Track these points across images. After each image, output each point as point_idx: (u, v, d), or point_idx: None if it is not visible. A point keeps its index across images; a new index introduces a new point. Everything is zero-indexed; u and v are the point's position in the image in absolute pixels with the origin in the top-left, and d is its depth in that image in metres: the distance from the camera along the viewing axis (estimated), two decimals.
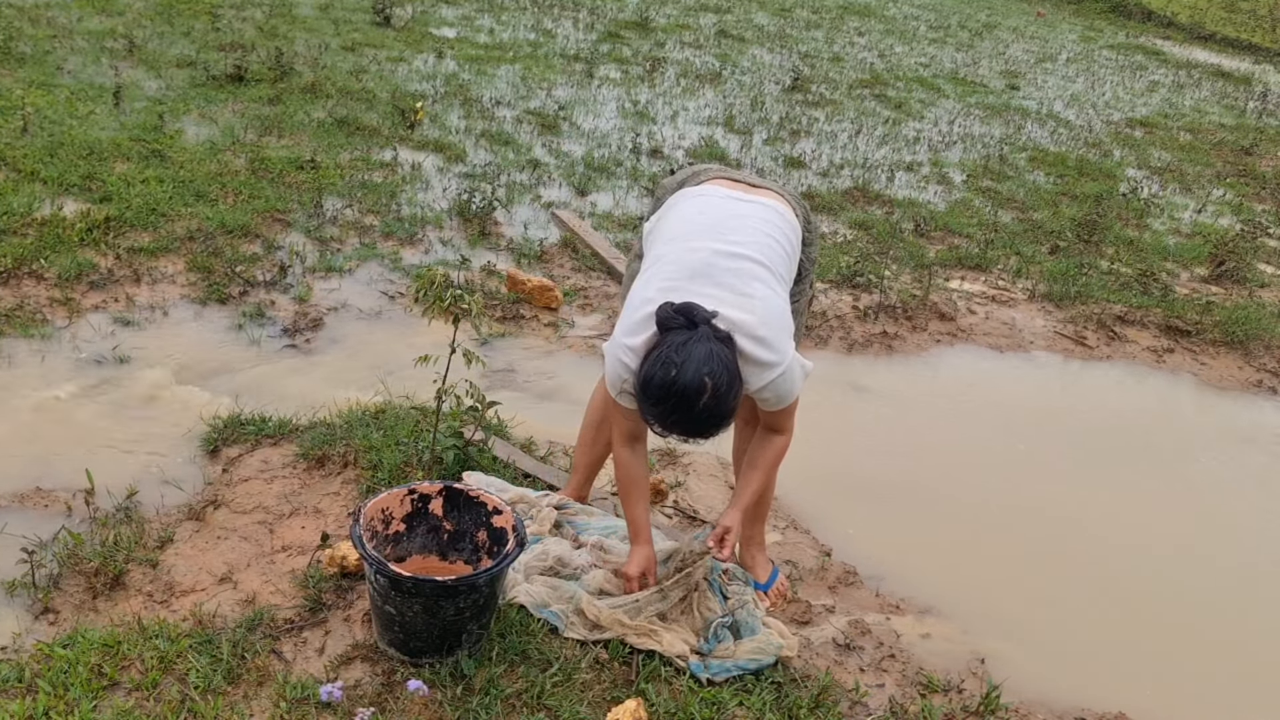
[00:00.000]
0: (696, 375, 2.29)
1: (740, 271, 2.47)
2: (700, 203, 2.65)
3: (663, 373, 2.32)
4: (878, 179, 7.44)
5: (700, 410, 2.32)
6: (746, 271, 2.48)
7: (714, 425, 2.40)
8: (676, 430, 2.41)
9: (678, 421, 2.37)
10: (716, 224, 2.56)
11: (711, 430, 2.41)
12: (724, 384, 2.32)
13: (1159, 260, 6.51)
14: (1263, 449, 4.61)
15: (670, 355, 2.32)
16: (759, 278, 2.49)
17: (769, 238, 2.57)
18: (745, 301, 2.43)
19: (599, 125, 7.72)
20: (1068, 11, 18.95)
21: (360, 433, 3.39)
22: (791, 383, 2.51)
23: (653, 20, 11.84)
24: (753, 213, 2.61)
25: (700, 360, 2.30)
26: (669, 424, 2.39)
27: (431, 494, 2.70)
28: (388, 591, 2.41)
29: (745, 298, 2.44)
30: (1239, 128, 11.06)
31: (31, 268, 4.29)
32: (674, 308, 2.38)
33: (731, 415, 2.41)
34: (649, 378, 2.36)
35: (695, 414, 2.33)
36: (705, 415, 2.34)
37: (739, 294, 2.44)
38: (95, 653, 2.44)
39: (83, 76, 6.75)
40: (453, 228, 5.46)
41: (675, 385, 2.30)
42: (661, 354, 2.34)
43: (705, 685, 2.61)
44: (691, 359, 2.30)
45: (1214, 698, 3.08)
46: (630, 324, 2.48)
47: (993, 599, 3.30)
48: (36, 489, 3.12)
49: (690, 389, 2.29)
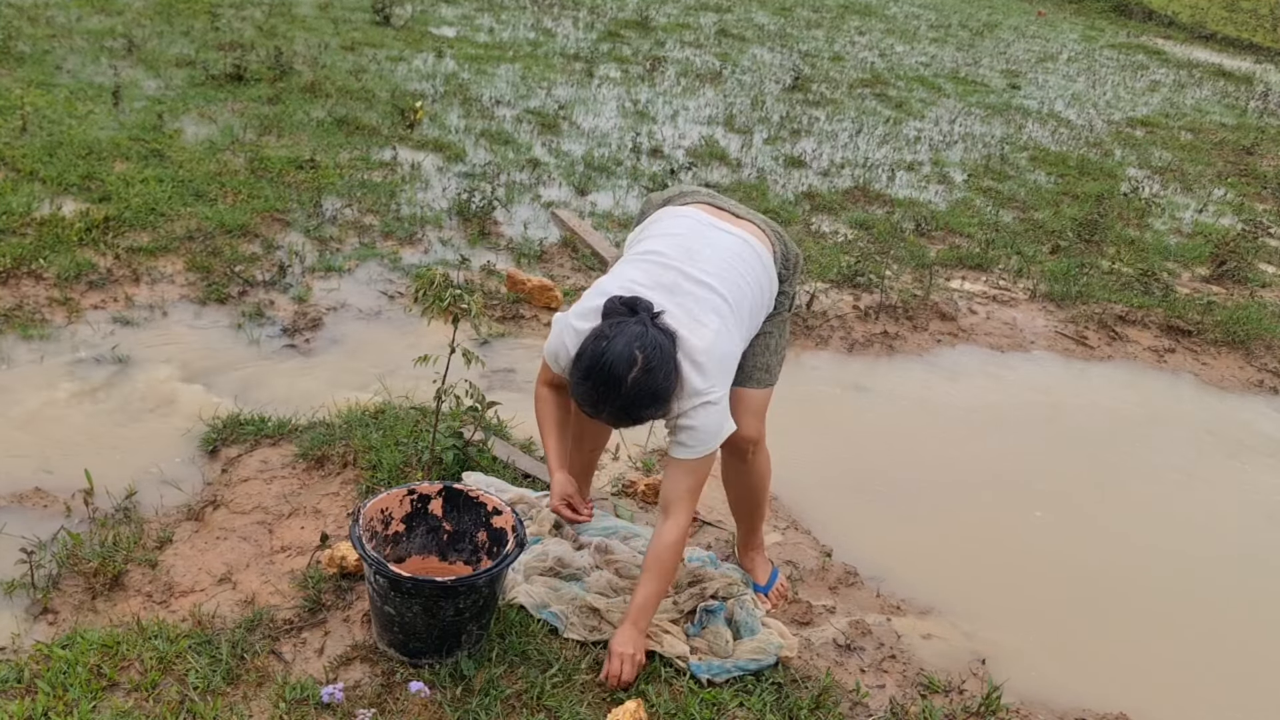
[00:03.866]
0: (627, 348, 2.27)
1: (699, 298, 2.45)
2: (679, 223, 2.63)
3: (594, 346, 2.31)
4: (878, 178, 7.43)
5: (630, 386, 2.28)
6: (707, 301, 2.45)
7: (642, 405, 2.33)
8: (606, 409, 2.35)
9: (605, 397, 2.32)
10: (689, 248, 2.53)
11: (640, 411, 2.35)
12: (655, 361, 2.28)
13: (1160, 260, 6.51)
14: (1264, 449, 4.61)
15: (603, 330, 2.33)
16: (718, 311, 2.45)
17: (737, 273, 2.53)
18: (697, 328, 2.41)
19: (599, 124, 7.72)
20: (1068, 11, 18.94)
21: (360, 433, 3.38)
22: (718, 419, 2.44)
23: (653, 19, 11.84)
24: (726, 244, 2.57)
25: (633, 336, 2.28)
26: (598, 401, 2.34)
27: (431, 494, 2.69)
28: (387, 592, 2.40)
29: (698, 324, 2.41)
30: (1240, 127, 11.06)
31: (30, 267, 4.29)
32: (620, 299, 2.38)
33: (664, 400, 2.35)
34: (580, 352, 2.34)
35: (624, 391, 2.28)
36: (635, 392, 2.29)
37: (694, 319, 2.42)
38: (94, 653, 2.43)
39: (82, 76, 6.74)
40: (452, 227, 5.45)
41: (604, 357, 2.28)
42: (595, 330, 2.35)
43: (705, 686, 2.60)
44: (624, 334, 2.29)
45: (1214, 698, 3.07)
46: (585, 308, 2.47)
47: (994, 599, 3.30)
48: (35, 489, 3.12)
49: (620, 361, 2.26)
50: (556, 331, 2.51)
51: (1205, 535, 3.89)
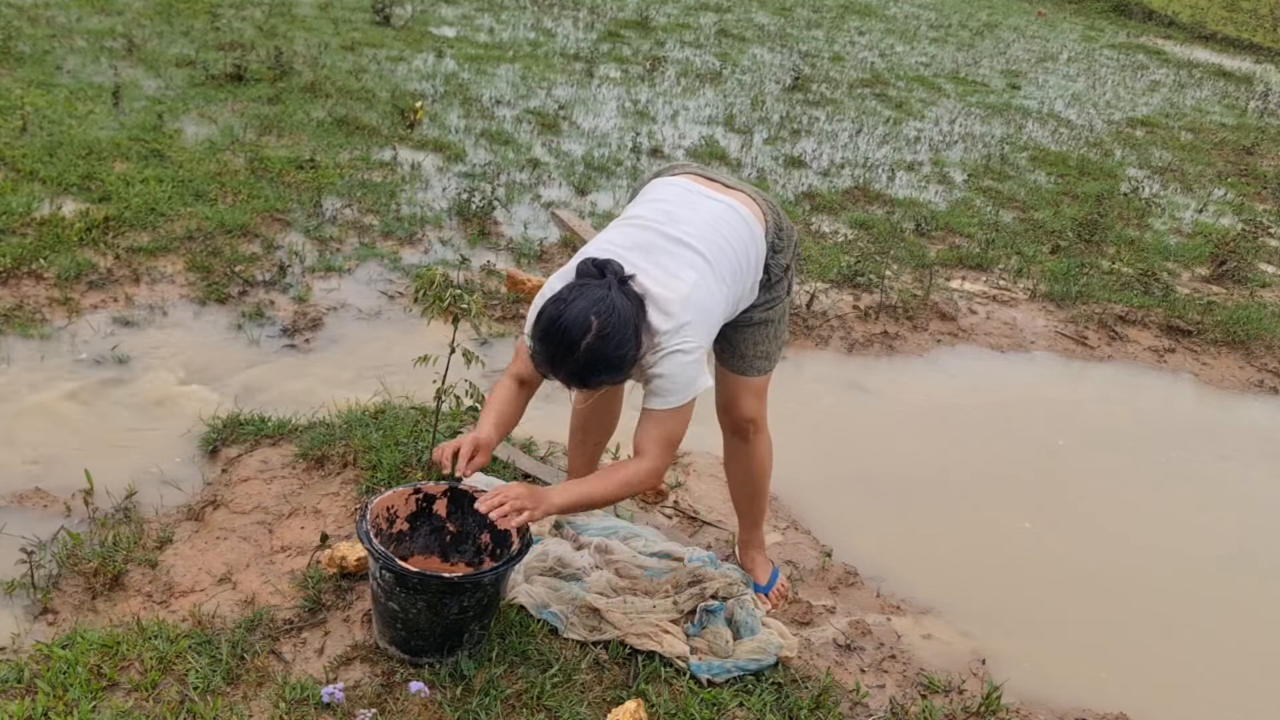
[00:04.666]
0: (584, 313, 2.25)
1: (677, 255, 2.44)
2: (664, 190, 2.65)
3: (552, 308, 2.30)
4: (878, 178, 7.43)
5: (584, 351, 2.26)
6: (684, 258, 2.44)
7: (595, 370, 2.31)
8: (560, 371, 2.34)
9: (559, 359, 2.30)
10: (671, 211, 2.55)
11: (593, 377, 2.33)
12: (611, 327, 2.26)
13: (1160, 260, 6.51)
14: (1264, 449, 4.61)
15: (564, 293, 2.32)
16: (695, 267, 2.44)
17: (719, 234, 2.52)
18: (671, 281, 2.40)
19: (599, 124, 7.72)
20: (1068, 11, 18.94)
21: (359, 433, 3.38)
22: (690, 371, 2.40)
23: (653, 19, 11.84)
24: (710, 208, 2.57)
25: (592, 301, 2.27)
26: (553, 363, 2.33)
27: (437, 494, 2.69)
28: (392, 588, 2.40)
29: (672, 278, 2.41)
30: (1240, 127, 11.06)
31: (31, 267, 4.29)
32: (593, 260, 2.37)
33: (620, 366, 2.33)
34: (540, 312, 2.33)
35: (577, 354, 2.27)
36: (589, 356, 2.27)
37: (668, 273, 2.41)
38: (94, 653, 2.43)
39: (82, 76, 6.74)
40: (452, 227, 5.45)
41: (561, 320, 2.27)
42: (559, 292, 2.34)
43: (705, 686, 2.60)
44: (584, 298, 2.27)
45: (1214, 698, 3.07)
46: (562, 271, 2.47)
47: (994, 599, 3.30)
48: (35, 489, 3.12)
49: (575, 325, 2.25)
50: (537, 300, 2.48)
51: (1205, 535, 3.89)
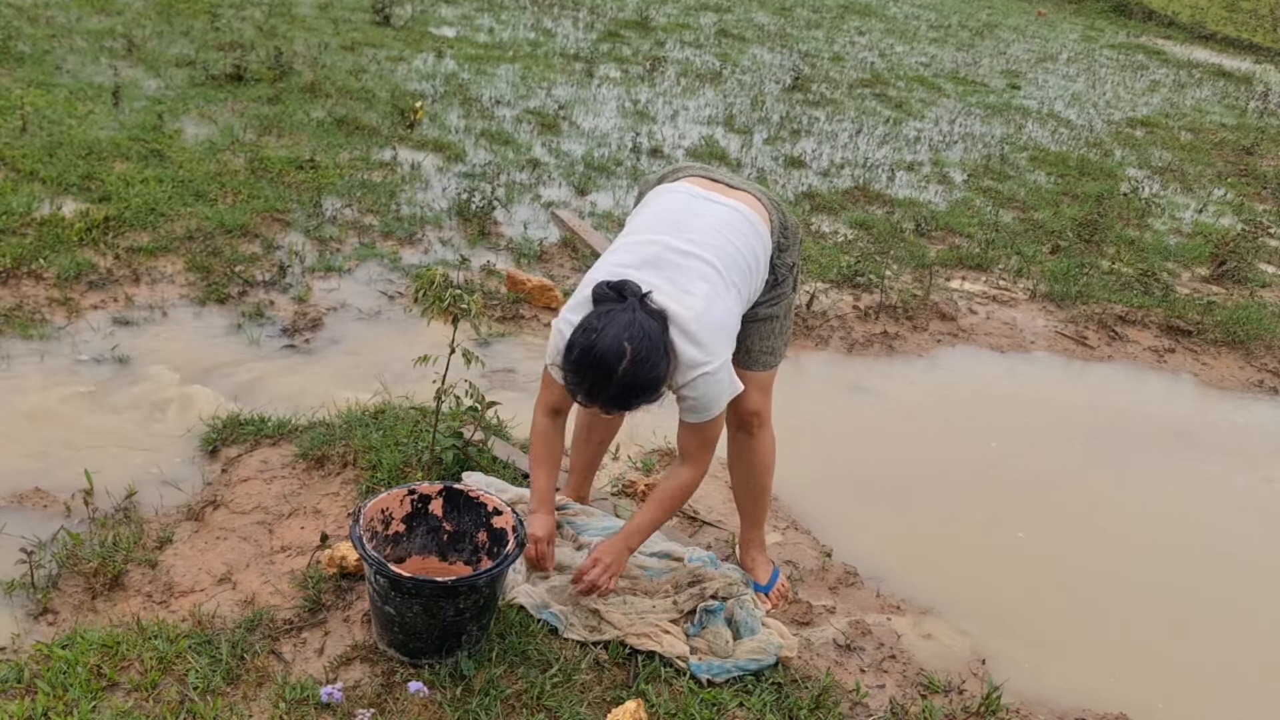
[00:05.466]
0: (616, 340, 2.27)
1: (687, 269, 2.45)
2: (668, 199, 2.65)
3: (584, 339, 2.31)
4: (878, 178, 7.43)
5: (620, 377, 2.29)
6: (693, 270, 2.45)
7: (633, 395, 2.34)
8: (598, 399, 2.37)
9: (597, 388, 2.33)
10: (676, 221, 2.55)
11: (632, 401, 2.36)
12: (644, 351, 2.29)
13: (1160, 260, 6.51)
14: (1264, 448, 4.61)
15: (592, 322, 2.33)
16: (706, 278, 2.45)
17: (726, 240, 2.53)
18: (684, 297, 2.41)
19: (599, 125, 7.72)
20: (1068, 11, 18.94)
21: (359, 433, 3.38)
22: (718, 388, 2.46)
23: (653, 19, 11.83)
24: (715, 213, 2.57)
25: (621, 326, 2.28)
26: (591, 392, 2.35)
27: (431, 494, 2.69)
28: (388, 592, 2.40)
29: (686, 294, 2.42)
30: (1240, 127, 11.06)
31: (30, 267, 4.29)
32: (607, 284, 2.38)
33: (655, 387, 2.36)
34: (571, 344, 2.34)
35: (614, 381, 2.29)
36: (625, 383, 2.30)
37: (680, 289, 2.42)
38: (94, 653, 2.43)
39: (82, 76, 6.74)
40: (452, 227, 5.45)
41: (594, 350, 2.28)
42: (584, 321, 2.35)
43: (705, 686, 2.60)
44: (613, 325, 2.29)
45: (1215, 697, 3.07)
46: (576, 301, 2.48)
47: (994, 599, 3.30)
48: (35, 489, 3.12)
49: (610, 354, 2.27)
50: (554, 332, 2.52)
51: (1205, 535, 3.88)
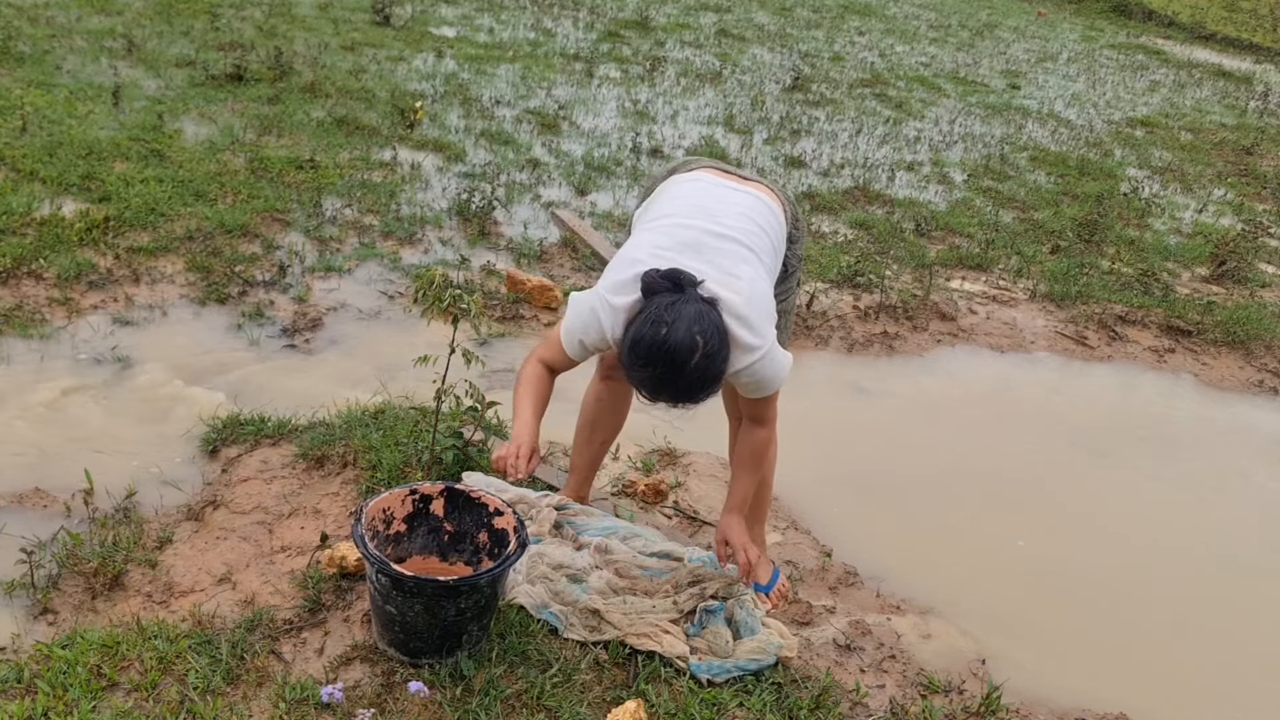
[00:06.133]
0: (688, 333, 2.24)
1: (728, 252, 2.46)
2: (690, 187, 2.66)
3: (652, 332, 2.26)
4: (878, 178, 7.43)
5: (691, 371, 2.27)
6: (734, 253, 2.46)
7: (703, 388, 2.34)
8: (666, 393, 2.35)
9: (667, 383, 2.31)
10: (705, 206, 2.56)
11: (701, 394, 2.35)
12: (715, 343, 2.28)
13: (1160, 260, 6.51)
14: (1264, 449, 4.61)
15: (660, 314, 2.27)
16: (746, 260, 2.47)
17: (755, 224, 2.56)
18: (731, 281, 2.41)
19: (599, 125, 7.72)
20: (1068, 11, 18.94)
21: (359, 433, 3.38)
22: (774, 368, 2.47)
23: (653, 19, 11.83)
24: (740, 200, 2.60)
25: (691, 319, 2.26)
26: (659, 386, 2.33)
27: (433, 494, 2.69)
28: (389, 592, 2.40)
29: (732, 277, 2.42)
30: (1240, 127, 11.06)
31: (30, 267, 4.29)
32: (659, 273, 2.35)
33: (720, 379, 2.36)
34: (638, 338, 2.29)
35: (686, 375, 2.28)
36: (696, 376, 2.29)
37: (726, 273, 2.42)
38: (94, 653, 2.43)
39: (82, 76, 6.74)
40: (452, 227, 5.45)
41: (666, 344, 2.25)
42: (650, 314, 2.29)
43: (705, 686, 2.60)
44: (682, 317, 2.26)
45: (1215, 698, 3.07)
46: (616, 281, 2.43)
47: (994, 599, 3.30)
48: (35, 489, 3.12)
49: (682, 347, 2.24)
50: (586, 309, 2.46)
51: (1204, 535, 3.89)
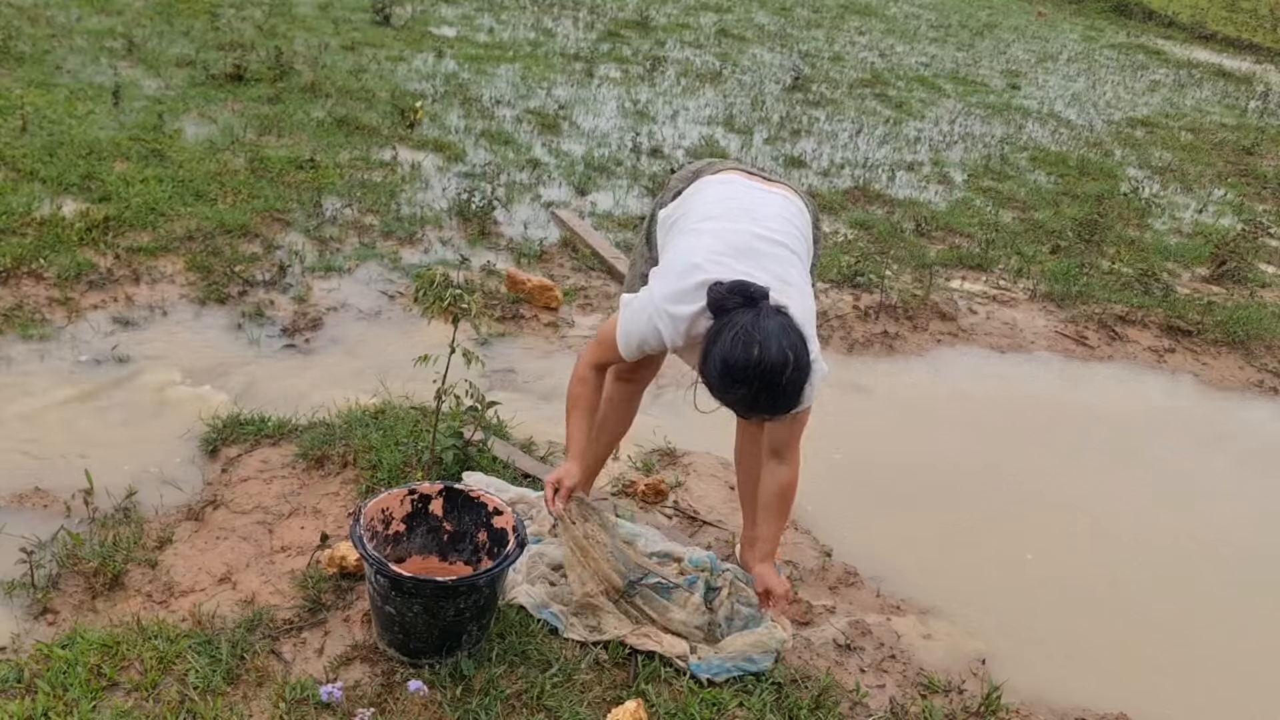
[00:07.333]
0: (780, 350, 2.25)
1: (779, 258, 2.47)
2: (725, 189, 2.65)
3: (745, 353, 2.25)
4: (878, 178, 7.43)
5: (785, 385, 2.28)
6: (784, 258, 2.48)
7: (793, 400, 2.34)
8: (760, 410, 2.36)
9: (763, 399, 2.31)
10: (747, 208, 2.56)
11: (791, 405, 2.36)
12: (802, 355, 2.30)
13: (1160, 260, 6.51)
14: (1264, 448, 4.61)
15: (749, 333, 2.25)
16: (793, 264, 2.50)
17: (792, 226, 2.59)
18: (785, 288, 2.42)
19: (599, 124, 7.72)
20: (1068, 11, 18.93)
21: (359, 433, 3.38)
22: (818, 378, 2.46)
23: (653, 19, 11.83)
24: (774, 202, 2.63)
25: (777, 334, 2.26)
26: (754, 404, 2.33)
27: (432, 494, 2.69)
28: (388, 592, 2.40)
29: (785, 284, 2.43)
30: (1240, 127, 11.06)
31: (31, 267, 4.29)
32: (727, 287, 2.33)
33: (804, 388, 2.37)
34: (731, 361, 2.27)
35: (781, 389, 2.28)
36: (790, 390, 2.30)
37: (780, 280, 2.42)
38: (94, 653, 2.43)
39: (82, 76, 6.74)
40: (452, 227, 5.45)
41: (762, 364, 2.24)
42: (737, 334, 2.27)
43: (705, 685, 2.60)
44: (770, 335, 2.25)
45: (1215, 697, 3.07)
46: (677, 290, 2.41)
47: (994, 599, 3.30)
48: (35, 489, 3.12)
49: (776, 365, 2.25)
50: (641, 316, 2.45)
51: (1204, 535, 3.88)
